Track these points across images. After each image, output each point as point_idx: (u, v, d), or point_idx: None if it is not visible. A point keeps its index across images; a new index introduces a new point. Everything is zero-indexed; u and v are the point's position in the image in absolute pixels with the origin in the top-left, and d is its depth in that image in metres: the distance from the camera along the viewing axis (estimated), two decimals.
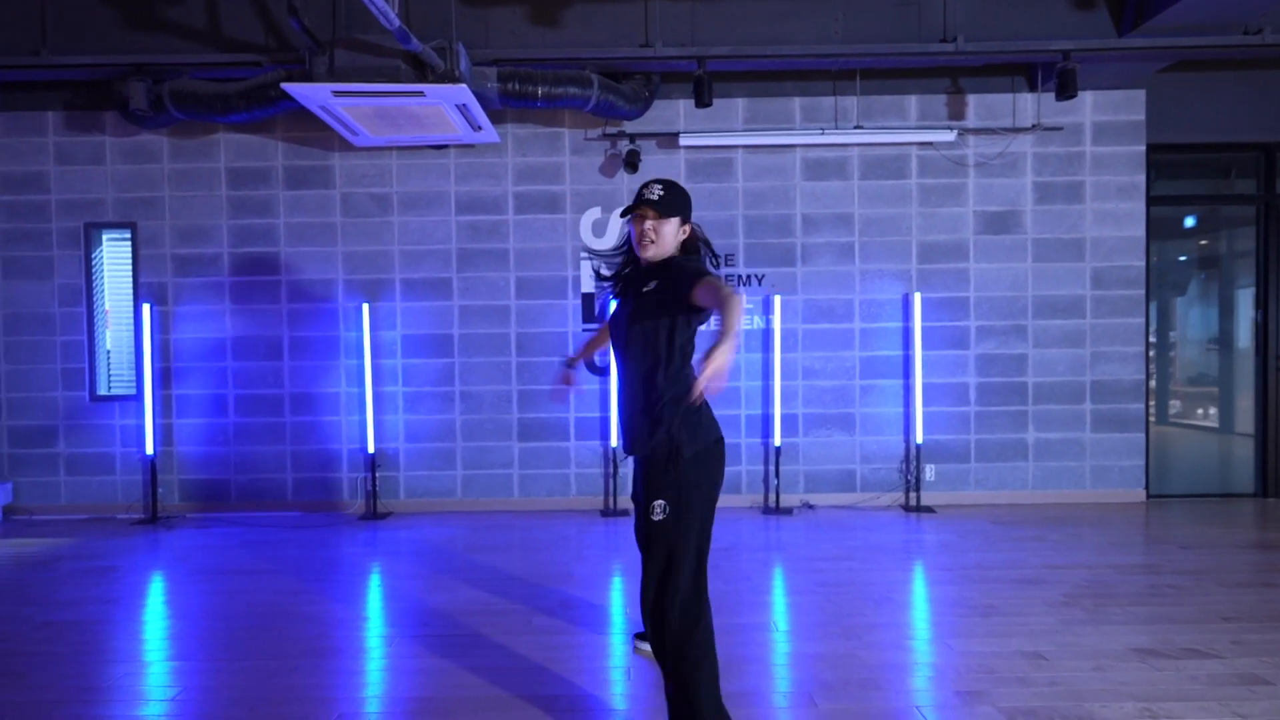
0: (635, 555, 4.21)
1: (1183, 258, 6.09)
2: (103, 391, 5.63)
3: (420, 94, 4.28)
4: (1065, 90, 4.76)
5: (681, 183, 2.57)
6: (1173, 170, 5.79)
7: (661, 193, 2.39)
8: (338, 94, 4.27)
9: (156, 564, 4.45)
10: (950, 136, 5.36)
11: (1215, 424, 6.00)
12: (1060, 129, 5.46)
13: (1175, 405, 6.05)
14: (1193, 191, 5.97)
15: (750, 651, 3.09)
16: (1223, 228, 6.01)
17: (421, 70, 4.19)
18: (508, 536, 4.90)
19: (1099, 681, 2.79)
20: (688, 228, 2.48)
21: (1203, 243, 6.10)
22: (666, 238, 2.40)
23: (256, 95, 4.79)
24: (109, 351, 5.70)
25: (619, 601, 3.71)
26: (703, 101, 4.88)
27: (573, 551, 4.54)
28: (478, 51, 4.86)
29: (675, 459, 2.30)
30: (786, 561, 4.32)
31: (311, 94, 4.27)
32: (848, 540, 4.73)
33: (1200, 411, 6.06)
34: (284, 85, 4.19)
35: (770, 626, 3.35)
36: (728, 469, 5.52)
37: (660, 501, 2.30)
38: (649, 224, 2.38)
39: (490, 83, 4.74)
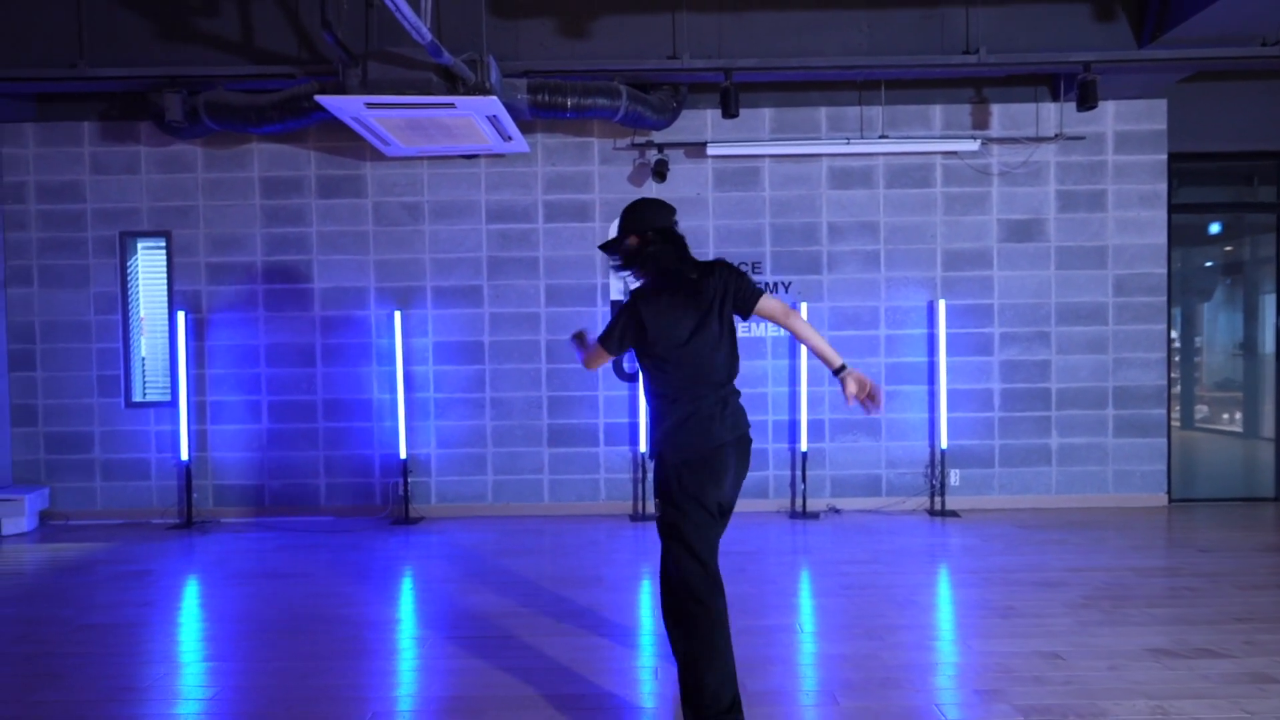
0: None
1: (1209, 263, 6.15)
2: (138, 398, 5.72)
3: (451, 106, 4.36)
4: (1086, 101, 4.83)
5: (709, 192, 2.74)
6: (1195, 178, 5.85)
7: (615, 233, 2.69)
8: (370, 106, 4.34)
9: (192, 568, 4.54)
10: (974, 146, 5.43)
11: (1239, 429, 6.06)
12: (1083, 138, 5.53)
13: (1201, 410, 6.12)
14: (1215, 199, 6.04)
15: (776, 652, 3.18)
16: (1247, 234, 6.07)
17: (453, 82, 4.26)
18: (537, 541, 4.98)
19: (1113, 680, 2.87)
20: (634, 239, 2.60)
21: (1228, 249, 6.16)
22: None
23: (290, 106, 4.87)
24: (144, 359, 5.79)
25: (646, 604, 3.79)
26: (729, 112, 4.96)
27: (602, 556, 4.61)
28: (508, 63, 4.93)
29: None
30: (812, 565, 4.40)
31: (345, 106, 4.34)
32: (873, 544, 4.80)
33: (1225, 416, 6.12)
34: (318, 97, 4.27)
35: (796, 628, 3.44)
36: (755, 474, 5.63)
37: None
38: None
39: (520, 94, 4.81)
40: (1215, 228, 6.08)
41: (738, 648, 2.59)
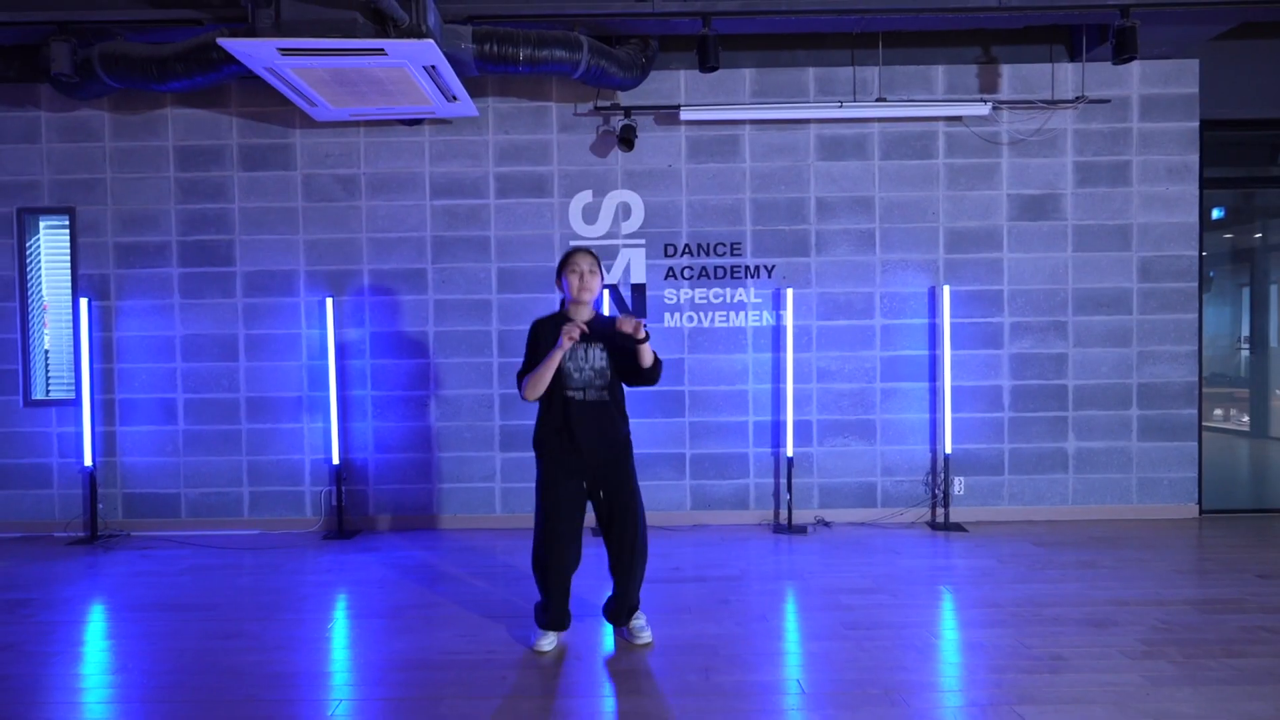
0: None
1: (1203, 252, 5.53)
2: (39, 396, 5.07)
3: (381, 51, 3.71)
4: (1124, 51, 4.18)
5: (682, 163, 2.42)
6: (1221, 149, 5.19)
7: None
8: (285, 52, 3.69)
9: (80, 595, 3.88)
10: (983, 110, 4.78)
11: (1245, 428, 5.49)
12: (1107, 101, 4.88)
13: (1218, 412, 5.51)
14: (1237, 175, 5.37)
15: None
16: (1258, 217, 5.45)
17: (382, 24, 3.62)
18: (487, 561, 4.34)
19: None
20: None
21: (1226, 235, 5.57)
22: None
23: (197, 57, 4.21)
24: (47, 352, 5.13)
25: (615, 646, 3.14)
26: (708, 65, 4.30)
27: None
28: (450, 6, 4.27)
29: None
30: (805, 595, 3.75)
31: (255, 52, 3.69)
32: (872, 566, 4.16)
33: (1218, 413, 5.51)
34: (222, 42, 3.61)
35: (790, 687, 2.76)
36: (733, 482, 4.98)
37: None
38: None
39: (464, 43, 4.16)
40: (1218, 213, 5.44)
41: (722, 709, 2.56)
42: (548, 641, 3.09)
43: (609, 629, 3.30)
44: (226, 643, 3.24)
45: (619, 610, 3.17)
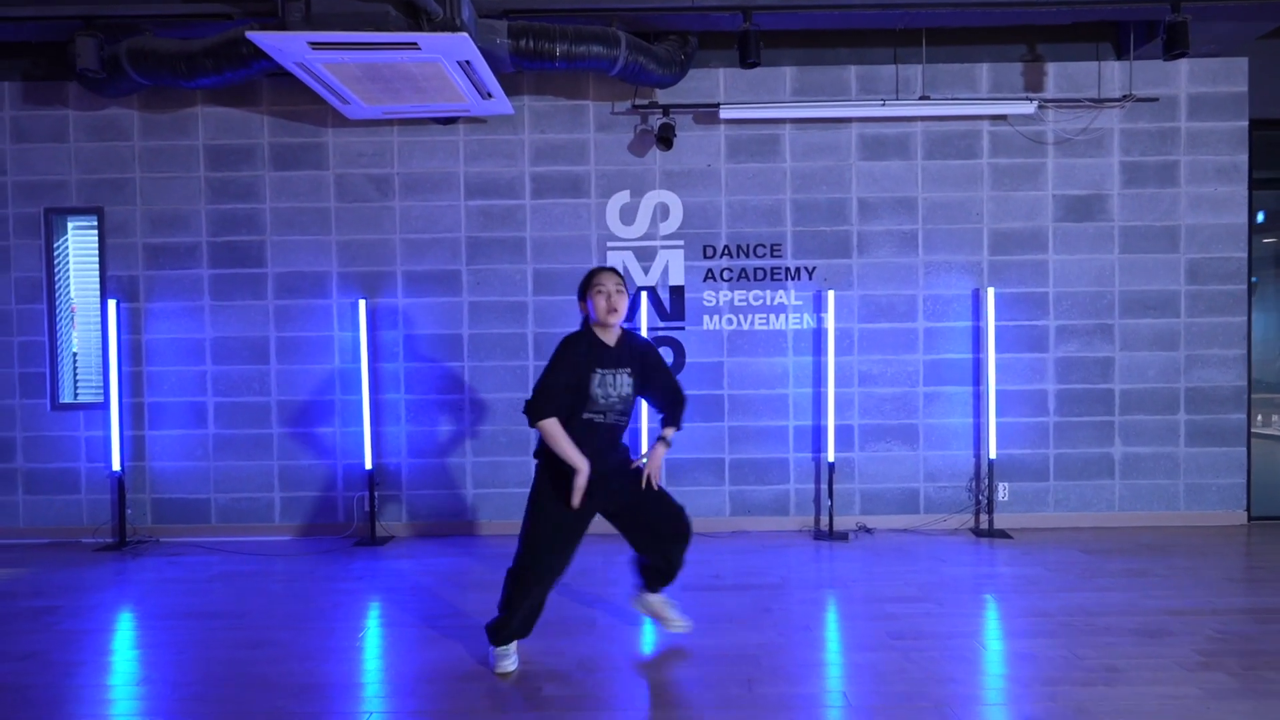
0: (674, 592, 3.60)
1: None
2: (66, 399, 4.98)
3: (414, 46, 3.62)
4: (1175, 46, 4.09)
5: (721, 163, 2.40)
6: (1273, 151, 5.08)
7: None
8: (316, 46, 3.60)
9: (108, 602, 3.81)
10: (1028, 109, 4.68)
11: None
12: (1155, 100, 4.78)
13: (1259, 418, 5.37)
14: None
15: None
16: None
17: (415, 17, 3.53)
18: None
19: None
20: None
21: (1266, 240, 5.45)
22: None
23: (226, 53, 4.12)
24: (75, 354, 5.06)
25: (656, 656, 3.05)
26: (748, 60, 4.21)
27: (597, 589, 3.86)
28: (485, 1, 4.19)
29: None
30: (847, 603, 3.65)
31: (285, 46, 3.60)
32: (916, 574, 4.06)
33: (1261, 419, 5.37)
34: (251, 35, 3.53)
35: (834, 699, 2.67)
36: (774, 487, 4.89)
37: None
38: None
39: (500, 38, 4.07)
40: (1260, 216, 5.32)
41: None
42: (511, 660, 2.91)
43: (647, 637, 3.22)
44: (255, 652, 3.16)
45: (667, 574, 3.09)
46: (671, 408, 3.04)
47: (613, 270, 2.90)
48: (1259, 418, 5.34)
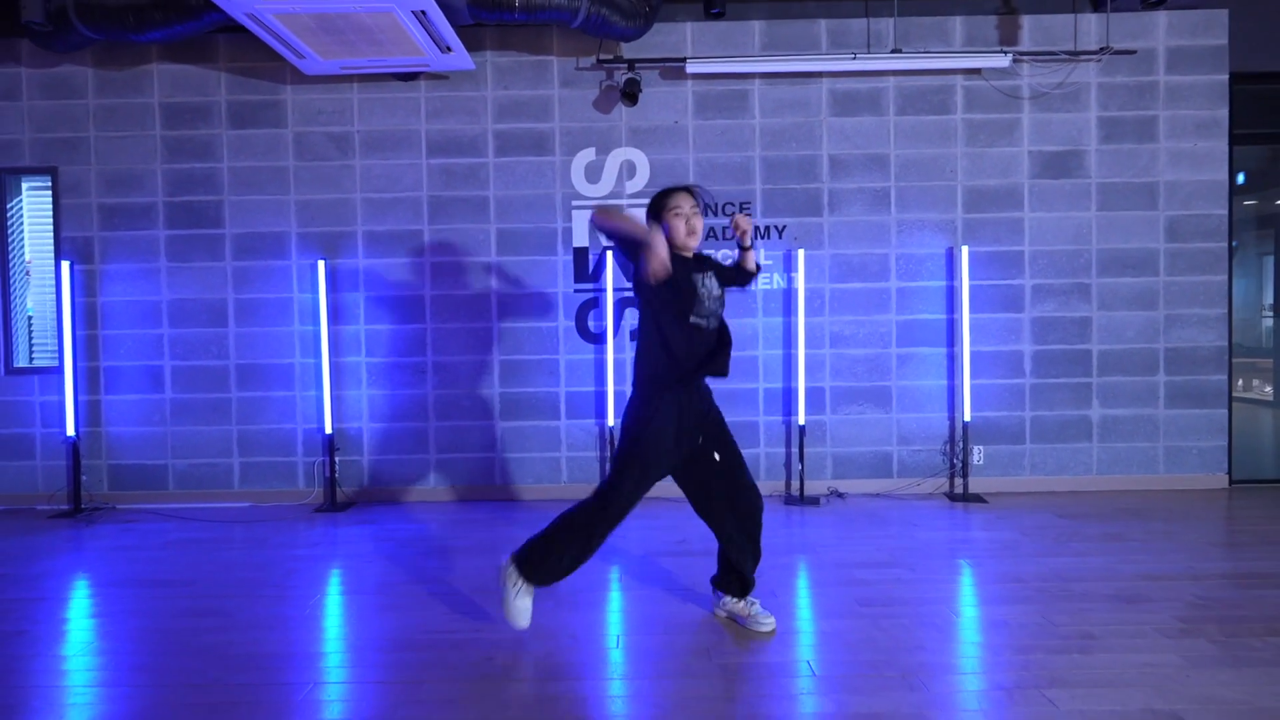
0: (638, 558, 3.49)
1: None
2: (21, 363, 4.88)
3: None
4: None
5: (688, 120, 2.32)
6: (1254, 106, 4.97)
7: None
8: None
9: (56, 570, 3.69)
10: (1003, 62, 4.57)
11: (1269, 398, 5.27)
12: (1133, 53, 4.67)
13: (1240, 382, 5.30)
14: (1268, 131, 5.12)
15: (778, 708, 2.28)
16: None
17: None
18: (484, 533, 4.15)
19: None
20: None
21: (1248, 202, 5.35)
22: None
23: (175, 4, 4.02)
24: (30, 317, 4.95)
25: (615, 625, 2.93)
26: (713, 9, 4.11)
27: None
28: None
29: None
30: (817, 569, 3.53)
31: None
32: (888, 539, 3.95)
33: (1249, 384, 5.29)
34: None
35: (802, 669, 2.53)
36: (745, 451, 4.77)
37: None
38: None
39: None
40: (1240, 178, 5.21)
41: (735, 695, 2.36)
42: (529, 609, 2.71)
43: (608, 608, 3.11)
44: (202, 620, 3.03)
45: (747, 575, 2.85)
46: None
47: (687, 190, 2.69)
48: (1240, 382, 5.25)
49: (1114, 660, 2.55)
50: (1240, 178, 5.21)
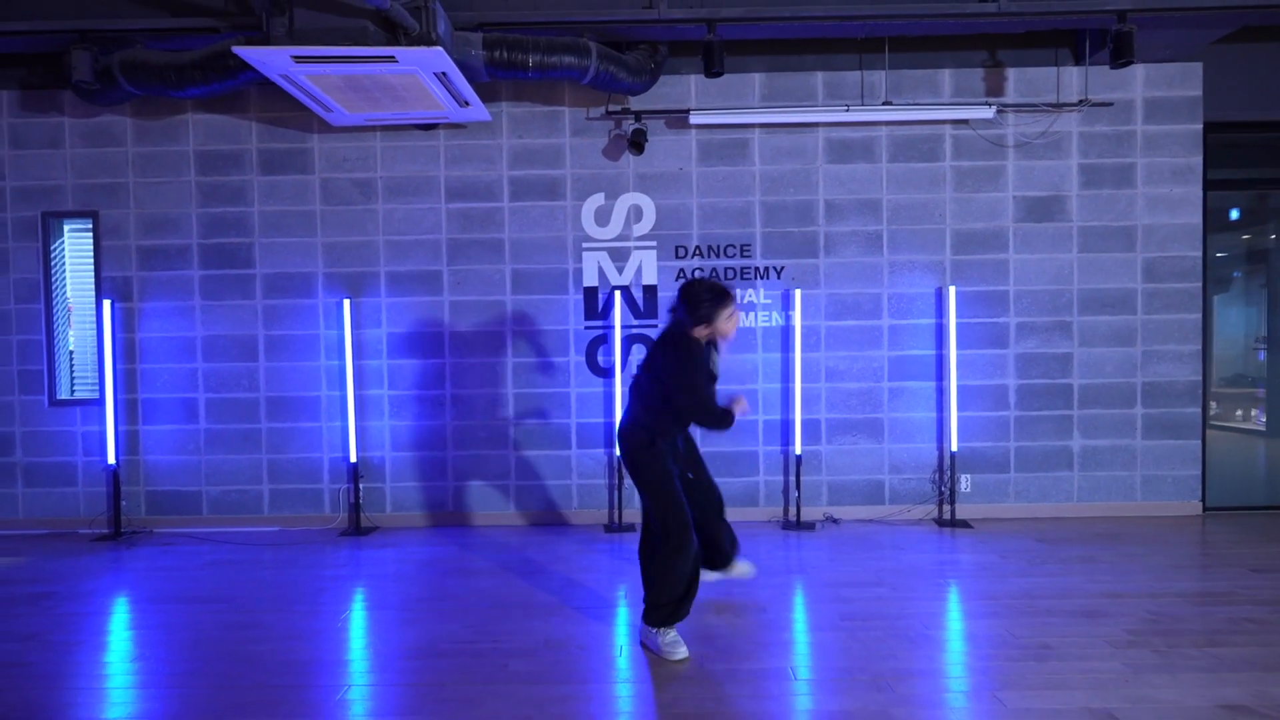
0: (640, 578, 3.79)
1: (1219, 253, 5.53)
2: (64, 395, 5.18)
3: (392, 59, 3.81)
4: (1121, 55, 4.26)
5: (692, 166, 2.76)
6: (1227, 153, 5.23)
7: None
8: (299, 60, 3.79)
9: (102, 589, 4.00)
10: (988, 113, 4.86)
11: (1261, 428, 5.51)
12: (1110, 104, 4.95)
13: (1217, 407, 5.53)
14: (1241, 176, 5.39)
15: (764, 707, 2.61)
16: (1271, 219, 5.47)
17: (393, 32, 3.72)
18: (500, 557, 4.44)
19: None
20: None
21: (1245, 236, 5.60)
22: None
23: (214, 65, 4.31)
24: (72, 352, 5.25)
25: (620, 637, 3.24)
26: (713, 70, 4.39)
27: (570, 575, 4.06)
28: (460, 14, 4.37)
29: None
30: (808, 588, 3.84)
31: (269, 60, 3.79)
32: (876, 561, 4.25)
33: (1239, 413, 5.54)
34: (238, 50, 3.72)
35: (789, 674, 2.87)
36: (744, 479, 5.07)
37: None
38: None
39: (475, 49, 4.26)
40: (1234, 214, 5.48)
41: (723, 696, 2.69)
42: (682, 644, 3.06)
43: (612, 620, 3.40)
44: (243, 632, 3.36)
45: (730, 547, 3.67)
46: None
47: (731, 295, 3.17)
48: (1238, 411, 5.50)
49: (1063, 667, 2.87)
50: (1235, 214, 5.48)
